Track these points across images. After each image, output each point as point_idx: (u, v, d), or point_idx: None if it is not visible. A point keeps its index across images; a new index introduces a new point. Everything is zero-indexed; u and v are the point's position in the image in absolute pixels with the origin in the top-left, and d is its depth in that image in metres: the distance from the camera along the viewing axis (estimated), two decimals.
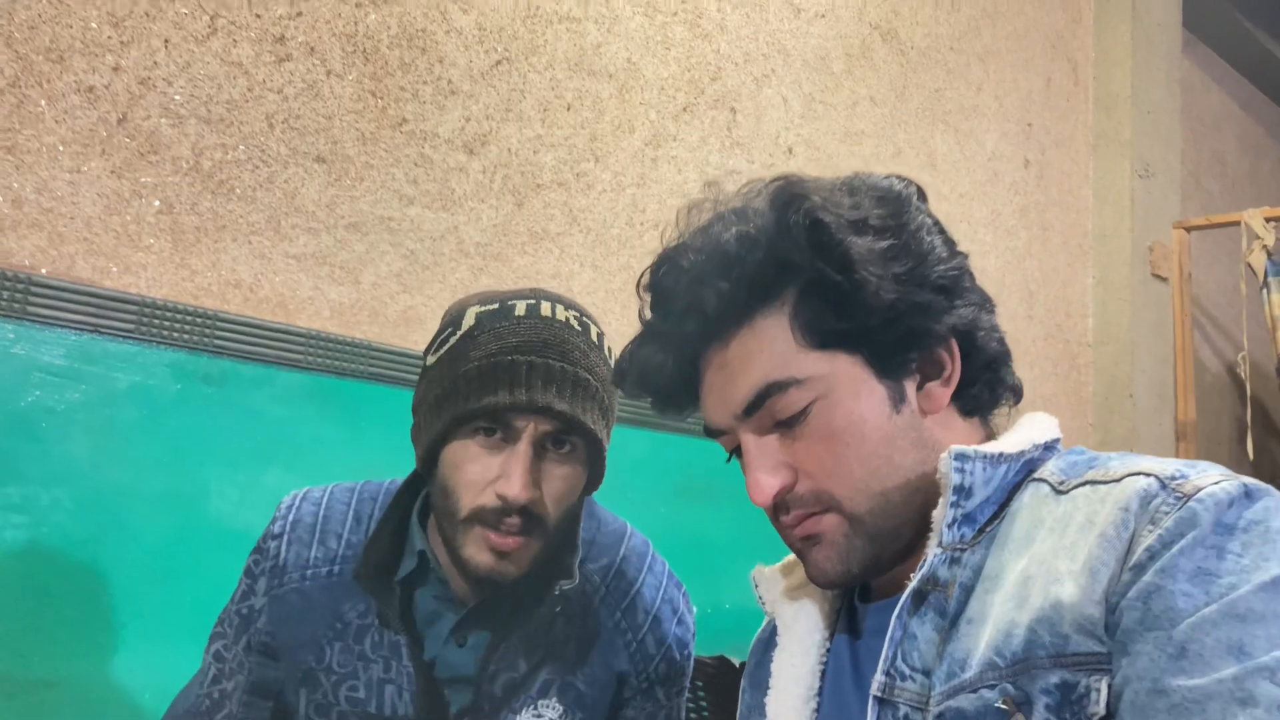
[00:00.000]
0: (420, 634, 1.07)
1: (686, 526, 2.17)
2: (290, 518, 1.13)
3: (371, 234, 1.76)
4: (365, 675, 1.06)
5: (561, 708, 1.08)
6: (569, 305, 1.07)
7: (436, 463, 1.03)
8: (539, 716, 1.07)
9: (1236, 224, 3.35)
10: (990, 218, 3.08)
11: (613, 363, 1.07)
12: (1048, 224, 3.33)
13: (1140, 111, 3.48)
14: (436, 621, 1.07)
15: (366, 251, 1.75)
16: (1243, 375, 3.49)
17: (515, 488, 0.96)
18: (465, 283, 1.88)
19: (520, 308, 1.04)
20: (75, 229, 1.47)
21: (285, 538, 1.11)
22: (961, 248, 0.80)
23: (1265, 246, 3.25)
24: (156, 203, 1.54)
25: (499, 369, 0.99)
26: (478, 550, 0.99)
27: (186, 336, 1.55)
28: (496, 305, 1.05)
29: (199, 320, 1.56)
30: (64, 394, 1.44)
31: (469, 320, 1.04)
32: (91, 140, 1.48)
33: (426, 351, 1.09)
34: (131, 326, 1.50)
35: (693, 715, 1.62)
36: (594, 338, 1.06)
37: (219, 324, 1.58)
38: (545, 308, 1.04)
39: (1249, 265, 3.29)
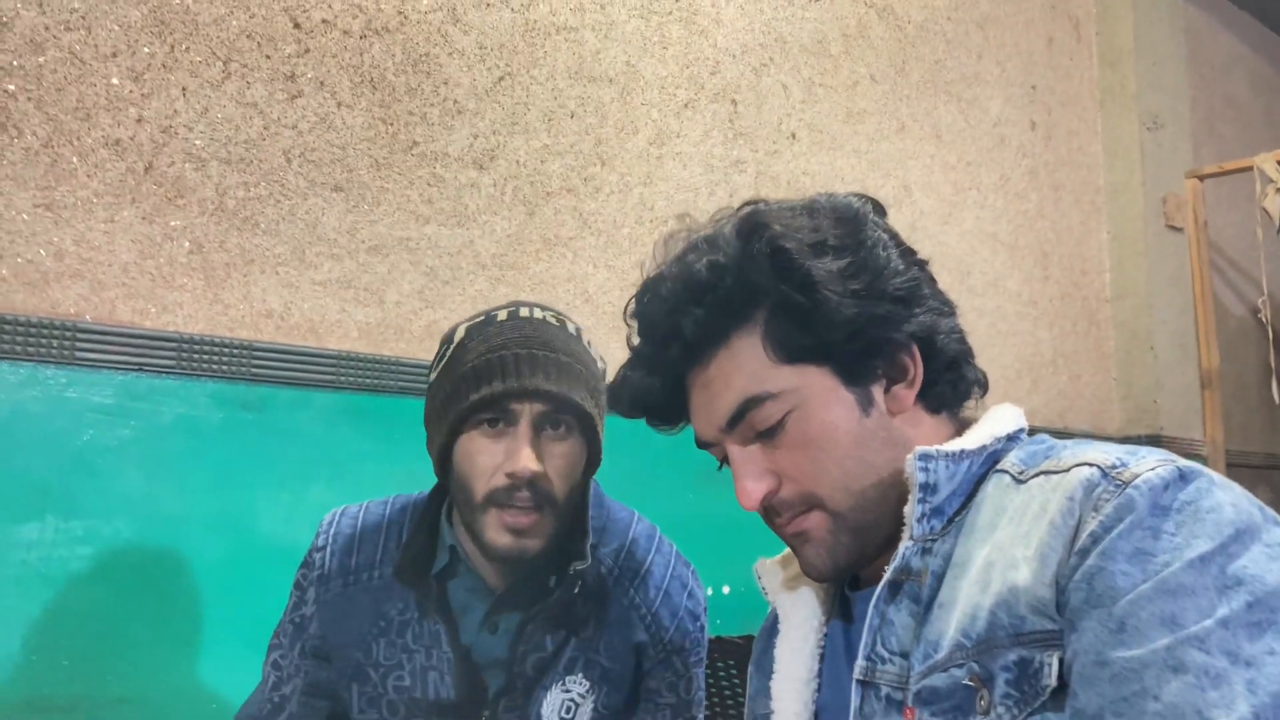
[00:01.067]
0: (456, 623, 1.17)
1: (715, 512, 2.25)
2: (331, 532, 1.24)
3: (392, 255, 1.84)
4: (410, 665, 1.16)
5: (588, 683, 1.18)
6: (545, 308, 1.20)
7: (450, 464, 1.15)
8: (568, 692, 1.17)
9: (1249, 169, 3.35)
10: (999, 183, 3.12)
11: (594, 353, 1.19)
12: (1058, 183, 3.35)
13: (1145, 64, 3.49)
14: (469, 611, 1.18)
15: (388, 272, 1.83)
16: (1265, 319, 3.50)
17: (520, 462, 1.08)
18: (484, 294, 1.96)
19: (502, 314, 1.17)
20: (114, 275, 1.56)
21: (328, 550, 1.22)
22: (972, 214, 0.86)
23: (1279, 190, 3.26)
24: (187, 244, 1.63)
25: (490, 365, 1.11)
26: (497, 533, 1.10)
27: (225, 367, 1.64)
28: (482, 317, 1.18)
29: (235, 351, 1.65)
30: (115, 431, 1.53)
31: (460, 334, 1.17)
32: (122, 190, 1.57)
33: (429, 371, 1.20)
34: (172, 362, 1.59)
35: (726, 690, 1.70)
36: (572, 331, 1.18)
37: (254, 353, 1.67)
38: (524, 311, 1.18)
39: (1264, 210, 3.30)
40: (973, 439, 0.80)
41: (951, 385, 0.85)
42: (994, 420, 0.83)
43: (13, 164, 1.48)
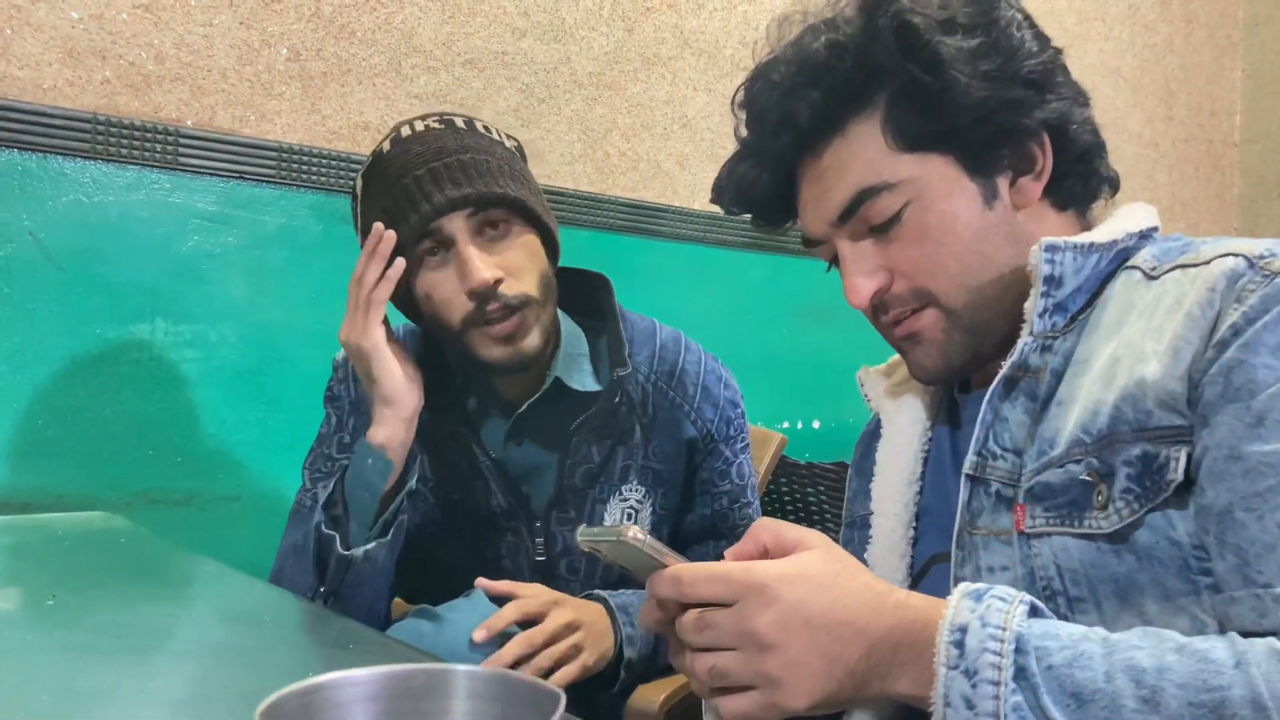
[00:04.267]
0: (483, 439, 1.18)
1: (806, 346, 2.22)
2: (349, 365, 1.23)
3: (487, 70, 1.80)
4: (455, 478, 1.18)
5: (643, 488, 1.20)
6: (425, 116, 1.13)
7: (419, 310, 1.13)
8: (625, 500, 1.19)
9: None
10: (1127, 12, 2.91)
11: (497, 135, 1.13)
12: (1191, 15, 3.11)
13: None
14: (491, 426, 1.19)
15: (484, 87, 1.79)
16: None
17: (475, 276, 1.05)
18: (580, 114, 1.91)
19: (385, 144, 1.12)
20: (213, 80, 1.55)
21: (350, 380, 1.23)
22: (1095, 46, 0.79)
23: None
24: (284, 51, 1.61)
25: (399, 199, 1.07)
26: (488, 348, 1.09)
27: (323, 179, 1.64)
28: (369, 158, 1.13)
29: (333, 163, 1.65)
30: (219, 238, 1.55)
31: (358, 186, 1.14)
32: None
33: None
34: (272, 171, 1.59)
35: (815, 515, 1.71)
36: (462, 125, 1.12)
37: (352, 165, 1.66)
38: (405, 130, 1.12)
39: None
40: (1103, 232, 0.75)
41: (1082, 180, 0.79)
42: (1126, 216, 0.78)
43: None
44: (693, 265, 2.06)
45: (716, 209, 0.88)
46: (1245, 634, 0.56)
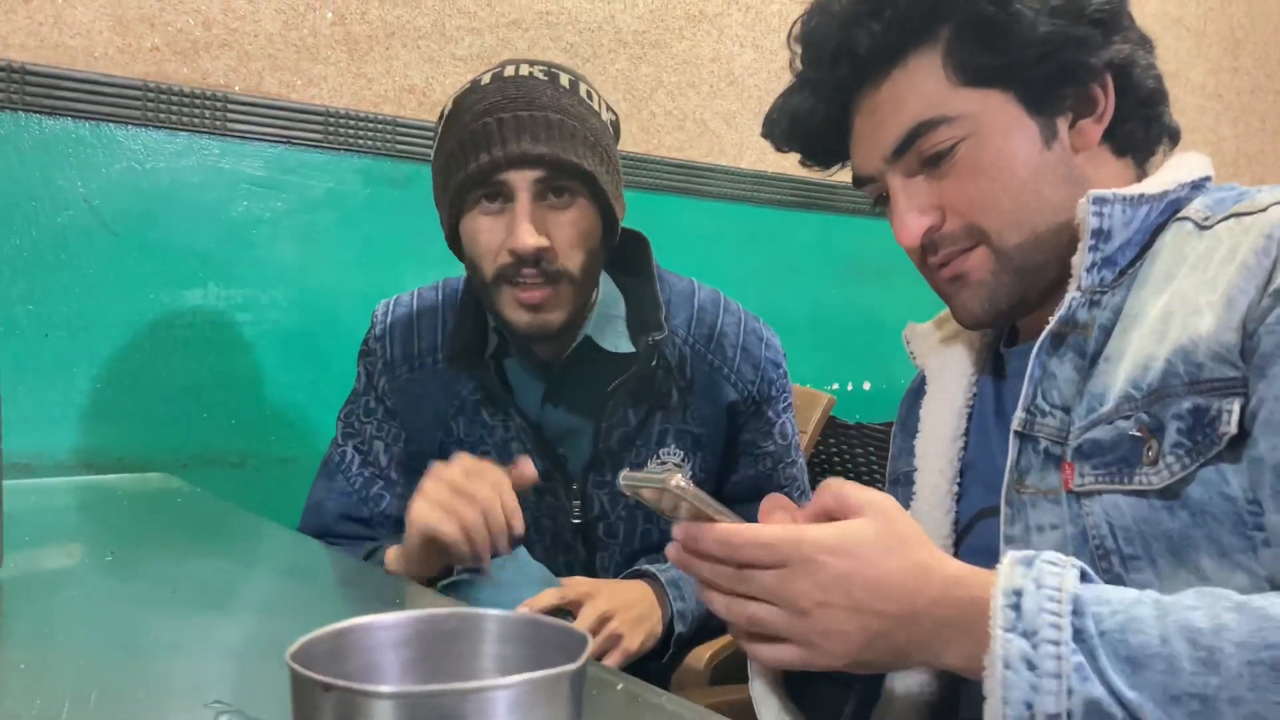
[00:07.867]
0: (519, 401, 1.17)
1: (858, 306, 2.20)
2: (388, 321, 1.23)
3: (531, 29, 1.79)
4: (491, 440, 1.17)
5: (682, 451, 1.18)
6: (535, 62, 1.11)
7: (462, 246, 1.11)
8: (663, 464, 1.18)
9: None
10: None
11: (596, 104, 1.11)
12: None
13: None
14: (528, 388, 1.17)
15: (528, 48, 1.78)
16: None
17: (520, 238, 1.03)
18: (625, 73, 1.90)
19: (486, 77, 1.10)
20: (259, 46, 1.56)
21: (387, 338, 1.21)
22: None
23: None
24: (329, 14, 1.61)
25: (475, 135, 1.05)
26: (513, 310, 1.08)
27: (370, 143, 1.65)
28: (468, 84, 1.11)
29: (380, 127, 1.65)
30: (268, 203, 1.57)
31: (449, 107, 1.11)
32: None
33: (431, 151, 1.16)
34: (319, 136, 1.60)
35: (865, 476, 1.69)
36: (565, 83, 1.10)
37: (398, 129, 1.67)
38: (509, 70, 1.10)
39: None
40: (1153, 183, 0.73)
41: (1143, 126, 0.77)
42: (1178, 166, 0.75)
43: None
44: (741, 225, 2.04)
45: (765, 168, 0.87)
46: None
